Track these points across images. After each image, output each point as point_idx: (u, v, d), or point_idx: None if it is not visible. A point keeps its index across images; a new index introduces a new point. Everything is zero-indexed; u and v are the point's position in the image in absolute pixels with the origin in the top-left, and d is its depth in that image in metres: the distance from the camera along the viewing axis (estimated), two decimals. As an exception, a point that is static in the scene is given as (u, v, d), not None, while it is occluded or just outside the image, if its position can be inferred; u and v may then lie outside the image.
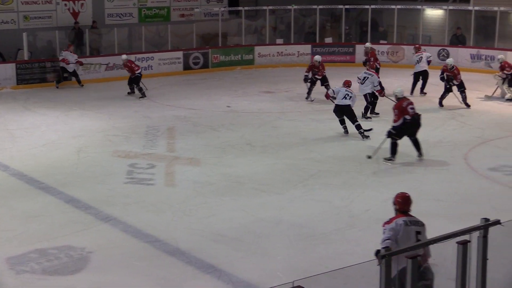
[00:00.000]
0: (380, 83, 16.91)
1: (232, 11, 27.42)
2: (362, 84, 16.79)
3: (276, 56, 25.76)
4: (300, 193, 11.52)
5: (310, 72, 19.09)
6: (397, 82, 21.82)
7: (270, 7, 26.47)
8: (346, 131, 15.19)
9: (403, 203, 6.97)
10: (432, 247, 5.84)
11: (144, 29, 24.50)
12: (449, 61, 18.39)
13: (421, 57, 19.98)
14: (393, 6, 25.90)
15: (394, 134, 13.03)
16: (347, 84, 15.31)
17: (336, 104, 15.09)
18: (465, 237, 5.85)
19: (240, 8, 26.55)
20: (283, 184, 11.96)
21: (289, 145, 14.50)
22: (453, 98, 18.03)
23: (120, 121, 16.84)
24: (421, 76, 19.83)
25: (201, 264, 8.78)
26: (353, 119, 14.94)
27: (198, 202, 11.11)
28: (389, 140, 13.15)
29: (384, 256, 5.41)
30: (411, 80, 19.93)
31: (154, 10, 26.59)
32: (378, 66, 20.00)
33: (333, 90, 15.48)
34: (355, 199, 11.17)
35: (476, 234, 5.99)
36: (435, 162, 13.26)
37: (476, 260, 5.94)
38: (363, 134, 14.87)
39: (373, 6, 26.26)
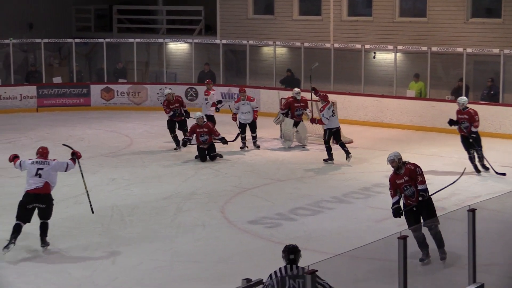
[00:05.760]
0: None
1: None
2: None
3: (-6, 100, 24.94)
4: (32, 264, 11.26)
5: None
6: (142, 128, 22.22)
7: (-19, 41, 25.63)
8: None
9: None
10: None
11: None
12: (462, 99, 16.30)
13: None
14: (131, 40, 26.27)
15: None
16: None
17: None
18: (226, 302, 6.11)
19: None
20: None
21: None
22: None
23: None
24: None
25: None
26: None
27: None
28: None
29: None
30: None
31: None
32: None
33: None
34: (98, 268, 11.13)
35: (237, 298, 6.28)
36: (189, 218, 13.62)
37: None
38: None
39: (108, 40, 26.38)
